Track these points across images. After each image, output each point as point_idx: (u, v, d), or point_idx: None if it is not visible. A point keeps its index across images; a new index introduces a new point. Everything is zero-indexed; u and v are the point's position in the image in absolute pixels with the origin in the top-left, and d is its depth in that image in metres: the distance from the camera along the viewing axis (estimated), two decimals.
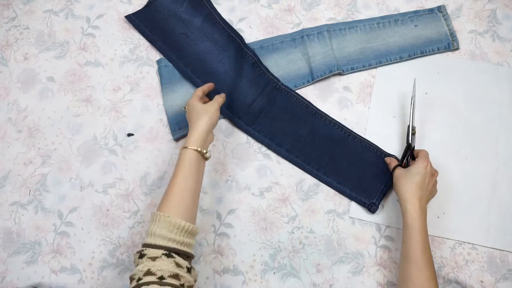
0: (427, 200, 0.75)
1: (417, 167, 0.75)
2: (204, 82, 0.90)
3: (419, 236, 0.69)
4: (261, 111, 0.89)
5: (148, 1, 0.98)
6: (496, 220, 0.82)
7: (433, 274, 0.68)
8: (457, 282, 0.78)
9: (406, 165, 0.80)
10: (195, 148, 0.71)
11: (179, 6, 0.97)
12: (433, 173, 0.77)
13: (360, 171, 0.85)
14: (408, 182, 0.75)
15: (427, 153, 0.78)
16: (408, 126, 0.82)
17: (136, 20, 0.96)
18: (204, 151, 0.73)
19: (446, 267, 0.79)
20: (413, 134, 0.82)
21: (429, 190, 0.75)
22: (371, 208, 0.82)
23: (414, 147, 0.81)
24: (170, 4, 0.97)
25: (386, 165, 0.84)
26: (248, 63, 0.92)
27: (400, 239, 0.81)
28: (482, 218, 0.82)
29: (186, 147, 0.72)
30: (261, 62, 0.92)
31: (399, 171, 0.78)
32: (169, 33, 0.95)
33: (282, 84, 0.90)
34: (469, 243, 0.81)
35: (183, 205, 0.67)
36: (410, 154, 0.80)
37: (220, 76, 0.92)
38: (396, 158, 0.85)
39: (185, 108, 0.80)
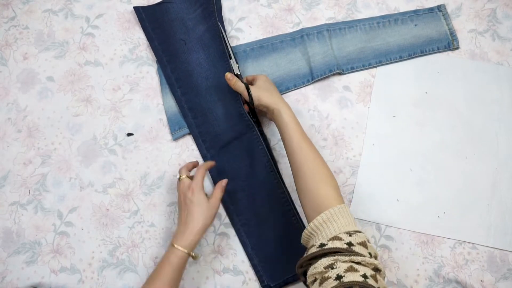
0: None
1: (264, 81, 0.81)
2: (184, 94, 0.89)
3: (298, 128, 0.73)
4: (227, 144, 0.86)
5: (161, 0, 0.97)
6: (496, 220, 0.82)
7: (318, 154, 0.72)
8: (457, 282, 0.78)
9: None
10: (188, 252, 0.69)
11: (190, 12, 0.95)
12: None
13: (278, 251, 0.80)
14: (271, 93, 0.78)
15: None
16: (231, 60, 0.88)
17: (142, 14, 0.95)
18: (193, 254, 0.71)
19: (446, 266, 0.79)
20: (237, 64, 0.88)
21: None
22: None
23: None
24: (181, 9, 0.95)
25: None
26: (233, 95, 0.87)
27: (400, 239, 0.81)
28: (482, 217, 0.82)
29: (177, 247, 0.69)
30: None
31: (254, 88, 0.79)
32: (169, 36, 0.93)
33: (261, 130, 0.86)
34: (469, 242, 0.81)
35: None
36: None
37: (201, 92, 0.89)
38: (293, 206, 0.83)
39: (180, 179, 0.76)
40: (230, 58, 0.88)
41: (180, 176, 0.76)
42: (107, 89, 0.92)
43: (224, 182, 0.77)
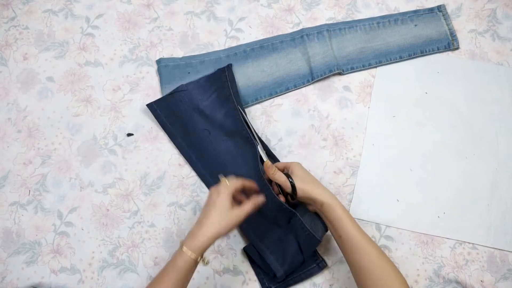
0: None
1: (302, 170, 0.75)
2: None
3: (354, 223, 0.70)
4: (279, 237, 0.79)
5: (173, 90, 0.90)
6: (496, 220, 0.82)
7: (380, 250, 0.69)
8: (457, 282, 0.78)
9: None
10: (196, 258, 0.65)
11: (204, 99, 0.89)
12: None
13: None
14: (315, 185, 0.74)
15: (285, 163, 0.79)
16: (258, 146, 0.80)
17: (157, 110, 0.88)
18: (206, 260, 0.68)
19: (446, 266, 0.79)
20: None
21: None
22: None
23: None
24: (195, 95, 0.89)
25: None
26: (265, 184, 0.78)
27: (400, 239, 0.81)
28: (482, 217, 0.82)
29: (185, 251, 0.64)
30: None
31: (296, 179, 0.73)
32: (190, 129, 0.87)
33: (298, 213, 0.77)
34: (469, 242, 0.81)
35: None
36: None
37: None
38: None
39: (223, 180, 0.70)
40: (257, 144, 0.81)
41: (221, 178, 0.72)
42: (107, 89, 0.92)
43: (260, 199, 0.71)
